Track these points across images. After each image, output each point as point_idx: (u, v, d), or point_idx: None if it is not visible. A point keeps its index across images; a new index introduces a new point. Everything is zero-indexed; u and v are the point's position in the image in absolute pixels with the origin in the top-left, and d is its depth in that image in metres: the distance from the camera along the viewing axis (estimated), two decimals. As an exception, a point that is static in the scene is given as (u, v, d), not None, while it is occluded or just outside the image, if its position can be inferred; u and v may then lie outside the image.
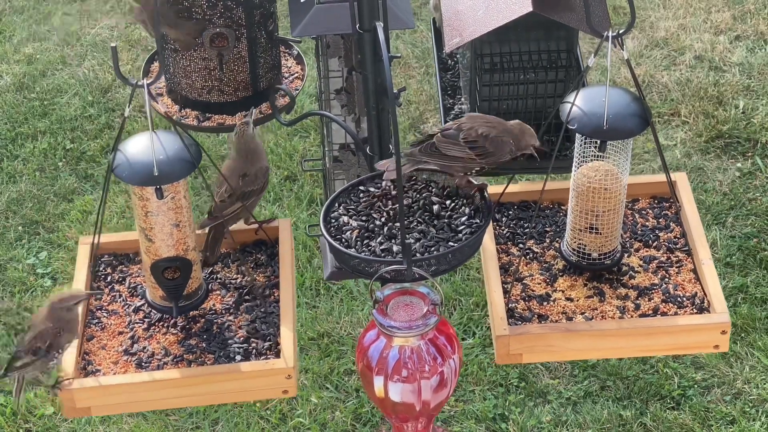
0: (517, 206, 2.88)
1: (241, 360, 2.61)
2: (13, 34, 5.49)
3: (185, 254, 2.62)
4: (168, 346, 2.65)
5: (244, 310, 2.71)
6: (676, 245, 2.77)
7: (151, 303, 2.69)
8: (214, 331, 2.67)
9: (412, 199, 2.52)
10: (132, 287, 2.78)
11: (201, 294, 2.69)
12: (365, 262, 2.40)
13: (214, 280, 2.78)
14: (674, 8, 5.41)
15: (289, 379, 2.56)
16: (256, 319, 2.69)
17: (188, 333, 2.67)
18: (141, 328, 2.70)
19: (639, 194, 2.89)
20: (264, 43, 2.76)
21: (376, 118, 2.68)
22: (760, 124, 4.81)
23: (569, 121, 2.53)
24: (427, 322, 2.38)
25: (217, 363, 2.61)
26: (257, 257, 2.83)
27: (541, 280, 2.71)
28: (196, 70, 2.75)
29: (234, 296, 2.74)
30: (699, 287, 2.67)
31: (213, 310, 2.72)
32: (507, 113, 2.98)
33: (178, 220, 2.58)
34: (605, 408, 3.92)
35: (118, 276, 2.81)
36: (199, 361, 2.61)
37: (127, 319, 2.72)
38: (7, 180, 4.79)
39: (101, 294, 2.68)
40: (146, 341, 2.67)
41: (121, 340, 2.67)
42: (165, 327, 2.69)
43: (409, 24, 2.73)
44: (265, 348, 2.63)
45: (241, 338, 2.65)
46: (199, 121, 2.80)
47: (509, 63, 2.90)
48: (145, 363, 2.62)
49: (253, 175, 2.73)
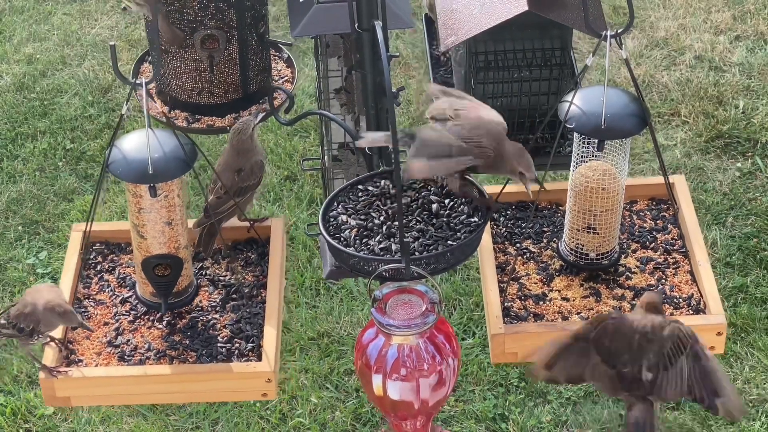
0: (515, 206, 2.89)
1: (223, 360, 2.61)
2: (13, 34, 5.49)
3: (177, 252, 2.61)
4: (152, 341, 2.65)
5: (230, 309, 2.71)
6: (674, 246, 2.78)
7: (140, 298, 2.69)
8: (199, 328, 2.67)
9: (410, 198, 2.52)
10: (121, 278, 2.78)
11: (191, 292, 2.69)
12: (364, 260, 2.40)
13: (203, 276, 2.78)
14: (674, 8, 5.41)
15: (269, 382, 2.55)
16: (241, 319, 2.69)
17: (173, 329, 2.67)
18: (126, 321, 2.69)
19: (637, 196, 2.89)
20: (255, 45, 2.76)
21: (375, 118, 2.68)
22: (760, 124, 4.80)
23: (567, 120, 2.54)
24: (426, 321, 2.38)
25: (199, 361, 2.60)
26: (248, 255, 2.83)
27: (538, 279, 2.71)
28: (187, 72, 2.75)
29: (221, 294, 2.74)
30: (695, 289, 2.68)
31: (200, 307, 2.72)
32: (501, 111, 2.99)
33: (170, 219, 2.58)
34: (605, 408, 3.92)
35: (108, 265, 2.81)
36: (182, 358, 2.61)
37: (113, 310, 2.72)
38: (7, 180, 4.79)
39: (91, 330, 2.68)
40: (131, 334, 2.67)
41: (106, 331, 2.67)
42: (150, 321, 2.69)
43: (408, 24, 2.74)
44: (247, 349, 2.63)
45: (225, 338, 2.65)
46: (189, 122, 2.81)
47: (503, 61, 2.91)
48: (127, 356, 2.62)
49: (249, 170, 2.73)
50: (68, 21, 5.54)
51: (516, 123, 3.01)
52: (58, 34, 5.47)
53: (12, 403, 3.99)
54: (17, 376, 4.09)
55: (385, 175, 2.58)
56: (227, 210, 2.74)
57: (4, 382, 4.06)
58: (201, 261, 2.81)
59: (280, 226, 2.84)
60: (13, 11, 5.62)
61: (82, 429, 3.93)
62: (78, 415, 3.96)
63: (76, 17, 5.57)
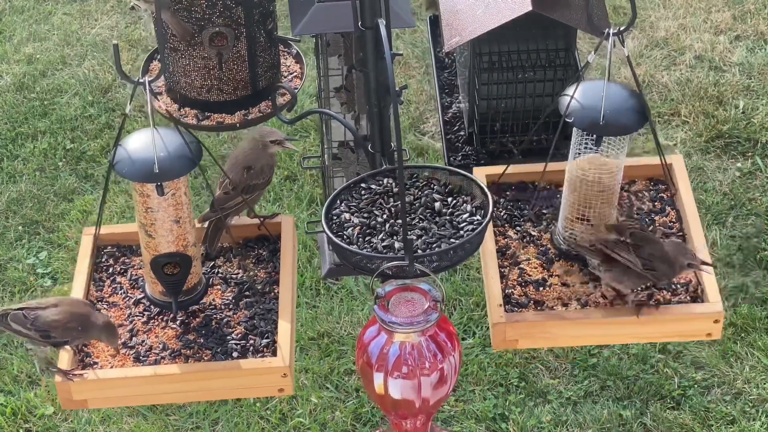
0: (515, 187, 2.88)
1: (238, 357, 2.61)
2: (13, 34, 5.49)
3: (185, 250, 2.62)
4: (166, 341, 2.65)
5: (243, 306, 2.71)
6: (671, 230, 2.77)
7: (150, 298, 2.69)
8: (213, 326, 2.67)
9: (414, 197, 2.52)
10: (133, 279, 2.78)
11: (200, 289, 2.70)
12: (367, 258, 2.40)
13: (216, 274, 2.78)
14: (674, 8, 5.41)
15: (285, 377, 2.56)
16: (255, 316, 2.69)
17: (187, 328, 2.68)
18: (140, 321, 2.70)
19: (636, 176, 2.88)
20: (263, 42, 2.76)
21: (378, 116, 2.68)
22: (760, 124, 4.81)
23: (567, 115, 2.54)
24: (429, 318, 2.38)
25: (214, 359, 2.61)
26: (259, 253, 2.83)
27: (538, 264, 2.72)
28: (196, 69, 2.75)
29: (234, 292, 2.74)
30: (693, 274, 2.68)
31: (213, 305, 2.72)
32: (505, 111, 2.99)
33: (178, 217, 2.58)
34: (605, 408, 3.92)
35: (120, 267, 2.82)
36: (197, 356, 2.62)
37: (127, 311, 2.73)
38: (7, 180, 4.79)
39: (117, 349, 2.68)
40: (145, 335, 2.67)
41: (120, 333, 2.67)
42: (164, 321, 2.70)
43: (409, 23, 2.73)
44: (262, 345, 2.63)
45: (239, 335, 2.65)
46: (198, 119, 2.81)
47: (508, 62, 2.90)
48: (143, 357, 2.63)
49: (259, 169, 2.73)
50: (68, 21, 5.54)
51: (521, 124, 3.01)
52: (58, 34, 5.47)
53: (12, 403, 3.99)
54: (17, 376, 4.08)
55: (387, 173, 2.58)
56: (234, 206, 2.74)
57: (3, 382, 4.06)
58: (213, 260, 2.81)
59: (291, 223, 2.84)
60: (13, 11, 5.62)
61: (82, 429, 3.93)
62: (78, 415, 3.96)
63: (76, 17, 5.56)
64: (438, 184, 2.54)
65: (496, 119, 3.02)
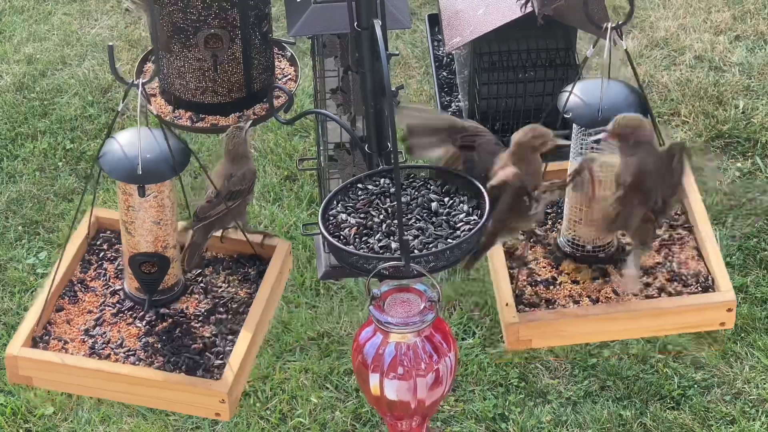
0: None
1: (186, 371, 2.57)
2: (13, 34, 5.49)
3: (164, 251, 2.60)
4: (126, 338, 2.62)
5: (212, 322, 2.67)
6: (678, 222, 2.77)
7: (126, 292, 2.67)
8: (176, 334, 2.63)
9: (410, 197, 2.52)
10: (119, 269, 2.75)
11: (177, 291, 2.68)
12: (364, 258, 2.40)
13: (199, 283, 2.75)
14: (674, 8, 5.41)
15: (223, 403, 2.51)
16: (219, 334, 2.64)
17: (150, 330, 2.64)
18: (110, 312, 2.67)
19: None
20: (258, 44, 2.76)
21: (374, 117, 2.68)
22: (760, 124, 4.80)
23: (566, 111, 2.54)
24: (424, 319, 2.38)
25: (164, 368, 2.56)
26: (247, 271, 2.78)
27: (546, 263, 2.71)
28: (190, 71, 2.75)
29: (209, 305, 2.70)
30: (702, 265, 2.68)
31: (184, 313, 2.68)
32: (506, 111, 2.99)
33: (159, 218, 2.57)
34: (605, 408, 3.92)
35: (111, 254, 2.79)
36: (149, 361, 2.58)
37: (101, 299, 2.70)
38: (7, 180, 4.79)
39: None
40: (109, 327, 2.64)
41: (87, 319, 2.66)
42: (132, 318, 2.66)
43: (405, 24, 2.73)
44: (214, 365, 2.59)
45: (196, 350, 2.61)
46: (193, 121, 2.81)
47: (508, 61, 2.91)
48: (98, 349, 2.60)
49: (240, 176, 2.71)
50: (68, 21, 5.54)
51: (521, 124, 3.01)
52: (58, 34, 5.47)
53: (12, 403, 4.00)
54: (17, 376, 4.09)
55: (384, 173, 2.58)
56: (216, 214, 2.70)
57: (3, 382, 4.06)
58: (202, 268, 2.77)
59: (285, 249, 2.77)
60: (13, 11, 5.62)
61: (82, 429, 3.93)
62: (78, 415, 3.96)
63: (76, 17, 5.57)
64: (435, 184, 2.54)
65: (497, 119, 3.02)
